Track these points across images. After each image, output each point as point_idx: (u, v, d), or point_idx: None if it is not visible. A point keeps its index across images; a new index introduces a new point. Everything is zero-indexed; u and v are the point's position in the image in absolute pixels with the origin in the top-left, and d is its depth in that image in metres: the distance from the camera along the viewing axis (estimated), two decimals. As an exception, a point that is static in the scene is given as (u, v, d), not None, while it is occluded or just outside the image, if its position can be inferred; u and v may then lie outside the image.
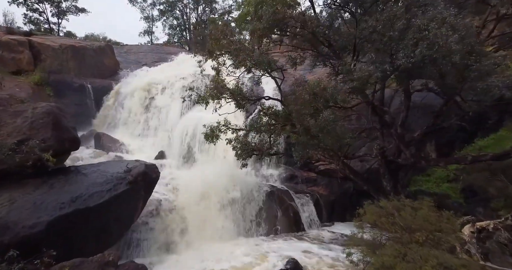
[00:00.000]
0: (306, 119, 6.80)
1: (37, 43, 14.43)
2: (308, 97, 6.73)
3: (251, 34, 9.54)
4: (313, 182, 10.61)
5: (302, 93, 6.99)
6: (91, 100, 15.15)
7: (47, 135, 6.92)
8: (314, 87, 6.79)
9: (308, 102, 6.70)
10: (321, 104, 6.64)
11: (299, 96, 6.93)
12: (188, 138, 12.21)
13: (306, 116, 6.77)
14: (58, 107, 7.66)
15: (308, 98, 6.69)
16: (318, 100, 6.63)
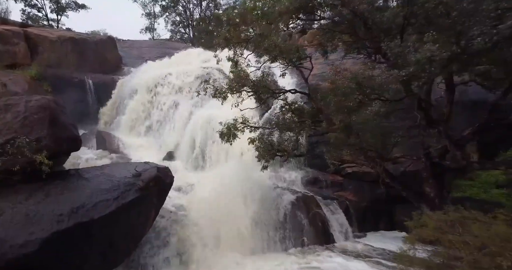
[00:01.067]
0: (347, 113, 5.76)
1: (34, 34, 13.36)
2: (350, 87, 5.66)
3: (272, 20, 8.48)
4: (339, 186, 9.56)
5: (343, 82, 5.92)
6: (92, 97, 14.08)
7: (42, 133, 5.85)
8: (358, 76, 5.74)
9: (349, 93, 5.65)
10: (367, 96, 5.59)
11: (340, 86, 5.86)
12: (199, 137, 11.15)
13: (347, 110, 5.73)
14: (55, 100, 6.59)
15: (350, 89, 5.63)
16: (363, 91, 5.57)
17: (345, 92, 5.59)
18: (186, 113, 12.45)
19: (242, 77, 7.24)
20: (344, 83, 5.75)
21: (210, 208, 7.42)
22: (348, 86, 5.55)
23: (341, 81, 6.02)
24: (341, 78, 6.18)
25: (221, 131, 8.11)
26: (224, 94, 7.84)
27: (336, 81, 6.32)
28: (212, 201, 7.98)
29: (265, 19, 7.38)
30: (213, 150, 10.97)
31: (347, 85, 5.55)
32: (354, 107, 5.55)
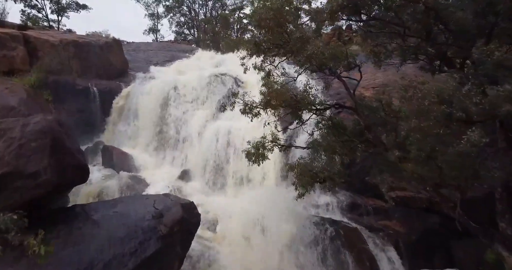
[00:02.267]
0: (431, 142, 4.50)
1: (34, 37, 12.17)
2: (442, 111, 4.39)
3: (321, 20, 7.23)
4: (383, 213, 8.30)
5: (421, 100, 4.65)
6: (96, 106, 12.86)
7: (41, 165, 4.66)
8: (443, 93, 4.47)
9: (439, 117, 4.38)
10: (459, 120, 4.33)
11: (421, 108, 4.59)
12: (217, 152, 9.93)
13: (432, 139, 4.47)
14: (58, 121, 5.39)
15: (439, 112, 4.36)
16: (456, 115, 4.30)
17: (434, 116, 4.33)
18: (201, 124, 11.23)
19: (282, 92, 5.99)
20: (426, 103, 4.49)
21: (241, 251, 6.17)
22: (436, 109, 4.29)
23: (417, 99, 4.76)
24: (415, 94, 4.92)
25: (247, 150, 6.89)
26: (256, 110, 6.61)
27: (410, 97, 5.06)
28: (243, 242, 6.77)
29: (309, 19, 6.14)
30: (233, 168, 9.75)
31: (437, 109, 4.28)
32: (444, 135, 4.32)
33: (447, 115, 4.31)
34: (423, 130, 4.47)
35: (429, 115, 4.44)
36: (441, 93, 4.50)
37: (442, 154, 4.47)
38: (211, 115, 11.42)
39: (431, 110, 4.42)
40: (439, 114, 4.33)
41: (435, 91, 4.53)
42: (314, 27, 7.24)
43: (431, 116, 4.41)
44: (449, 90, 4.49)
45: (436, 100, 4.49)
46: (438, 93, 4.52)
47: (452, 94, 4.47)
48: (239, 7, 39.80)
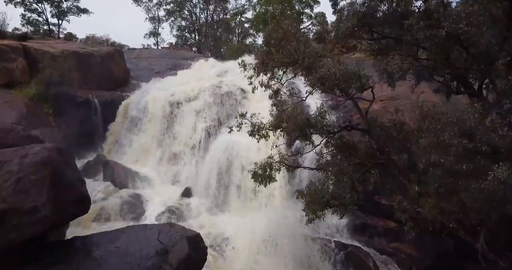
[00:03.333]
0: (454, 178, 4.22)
1: (34, 49, 11.95)
2: (458, 143, 4.12)
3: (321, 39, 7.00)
4: (394, 235, 7.99)
5: (441, 132, 4.37)
6: (98, 117, 12.62)
7: (40, 200, 4.40)
8: (465, 124, 4.20)
9: (461, 154, 4.09)
10: (483, 156, 4.05)
11: (439, 139, 4.30)
12: (221, 169, 9.65)
13: (455, 175, 4.18)
14: (59, 149, 5.13)
15: (463, 148, 4.07)
16: (479, 151, 4.02)
17: (455, 152, 4.06)
18: (203, 138, 10.97)
19: (293, 115, 5.72)
20: (445, 136, 4.21)
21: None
22: (457, 143, 4.02)
23: (436, 131, 4.48)
24: (433, 124, 4.65)
25: (254, 171, 6.62)
26: (264, 132, 6.35)
27: (427, 129, 4.78)
28: (248, 261, 6.48)
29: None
30: (238, 184, 9.47)
31: (458, 143, 4.00)
32: (468, 171, 4.04)
33: (469, 150, 4.03)
34: (444, 166, 4.20)
35: (450, 150, 4.16)
36: (462, 125, 4.22)
37: (465, 190, 4.19)
38: (215, 128, 11.16)
39: (452, 145, 4.13)
40: (461, 149, 4.04)
41: (455, 123, 4.25)
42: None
43: (452, 151, 4.13)
44: (471, 121, 4.21)
45: (457, 133, 4.21)
46: (458, 124, 4.24)
47: (475, 126, 4.19)
48: (241, 11, 39.77)
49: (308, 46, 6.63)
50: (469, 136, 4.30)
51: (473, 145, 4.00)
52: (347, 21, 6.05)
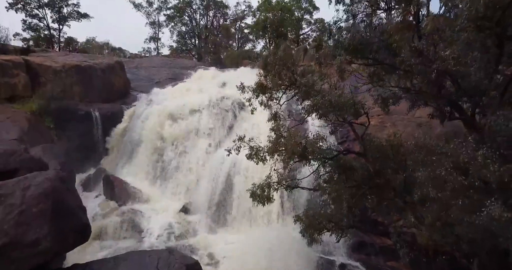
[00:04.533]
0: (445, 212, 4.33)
1: (36, 64, 12.11)
2: (454, 179, 4.22)
3: (317, 61, 7.13)
4: (391, 253, 8.05)
5: (437, 165, 4.47)
6: (98, 130, 12.75)
7: (41, 232, 4.51)
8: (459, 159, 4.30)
9: (458, 189, 4.19)
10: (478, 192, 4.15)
11: (435, 173, 4.41)
12: (220, 186, 9.75)
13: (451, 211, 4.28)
14: (61, 176, 5.26)
15: (459, 184, 4.18)
16: (474, 186, 4.13)
17: (451, 187, 4.16)
18: (202, 153, 11.08)
19: (291, 144, 5.82)
20: (442, 171, 4.31)
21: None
22: (453, 179, 4.11)
23: (432, 164, 4.59)
24: (429, 158, 4.75)
25: (252, 190, 6.72)
26: (262, 155, 6.46)
27: (423, 160, 4.88)
28: None
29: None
30: (237, 200, 9.56)
31: (454, 178, 4.10)
32: (464, 207, 4.13)
33: (465, 186, 4.13)
34: (440, 201, 4.30)
35: (446, 185, 4.26)
36: (457, 160, 4.33)
37: (459, 224, 4.29)
38: (214, 143, 11.28)
39: (448, 180, 4.24)
40: (456, 185, 4.15)
41: (449, 155, 4.36)
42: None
43: (448, 186, 4.23)
44: (465, 156, 4.32)
45: (452, 167, 4.32)
46: (453, 159, 4.34)
47: (468, 161, 4.30)
48: (241, 17, 40.02)
49: (305, 72, 6.80)
50: (463, 170, 4.40)
51: (468, 181, 4.10)
52: (343, 49, 6.22)
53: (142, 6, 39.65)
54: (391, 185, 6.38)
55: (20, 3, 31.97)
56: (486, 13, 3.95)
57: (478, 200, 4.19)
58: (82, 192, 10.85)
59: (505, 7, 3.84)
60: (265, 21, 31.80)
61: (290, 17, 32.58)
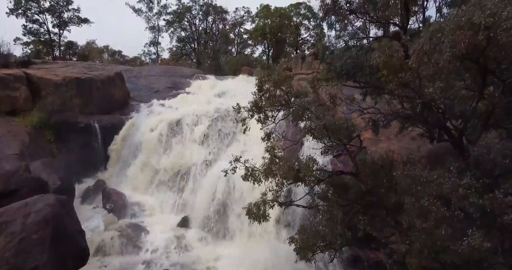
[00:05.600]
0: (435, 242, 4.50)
1: (36, 77, 12.30)
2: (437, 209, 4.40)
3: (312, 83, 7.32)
4: (385, 268, 8.21)
5: (422, 193, 4.66)
6: (98, 142, 12.92)
7: (41, 259, 4.65)
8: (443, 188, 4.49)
9: (437, 217, 4.38)
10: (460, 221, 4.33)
11: (420, 204, 4.59)
12: (218, 199, 9.90)
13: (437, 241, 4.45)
14: (61, 201, 5.42)
15: (437, 212, 4.36)
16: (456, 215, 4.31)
17: (435, 217, 4.34)
18: (200, 166, 11.24)
19: (289, 167, 6.01)
20: (425, 202, 4.49)
21: None
22: (436, 210, 4.29)
23: (417, 192, 4.76)
24: (415, 187, 4.91)
25: (248, 208, 6.88)
26: (257, 178, 6.63)
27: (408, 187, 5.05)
28: None
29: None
30: (235, 213, 9.71)
31: (437, 209, 4.28)
32: (447, 236, 4.31)
33: (447, 217, 4.31)
34: (426, 230, 4.47)
35: (430, 215, 4.44)
36: (440, 190, 4.51)
37: (444, 251, 4.46)
38: (212, 156, 11.44)
39: (431, 210, 4.42)
40: (440, 215, 4.33)
41: (433, 184, 4.55)
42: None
43: (432, 217, 4.41)
44: (447, 187, 4.51)
45: (435, 196, 4.51)
46: (437, 189, 4.53)
47: (450, 192, 4.49)
48: (240, 22, 40.34)
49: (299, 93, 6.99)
50: (446, 200, 4.59)
51: (450, 212, 4.28)
52: (335, 72, 6.44)
53: (141, 11, 39.98)
54: (383, 204, 6.56)
55: (20, 8, 32.29)
56: (467, 52, 4.16)
57: (461, 228, 4.37)
58: (81, 204, 11.02)
59: (484, 47, 4.04)
60: (264, 27, 32.13)
61: (288, 23, 32.92)
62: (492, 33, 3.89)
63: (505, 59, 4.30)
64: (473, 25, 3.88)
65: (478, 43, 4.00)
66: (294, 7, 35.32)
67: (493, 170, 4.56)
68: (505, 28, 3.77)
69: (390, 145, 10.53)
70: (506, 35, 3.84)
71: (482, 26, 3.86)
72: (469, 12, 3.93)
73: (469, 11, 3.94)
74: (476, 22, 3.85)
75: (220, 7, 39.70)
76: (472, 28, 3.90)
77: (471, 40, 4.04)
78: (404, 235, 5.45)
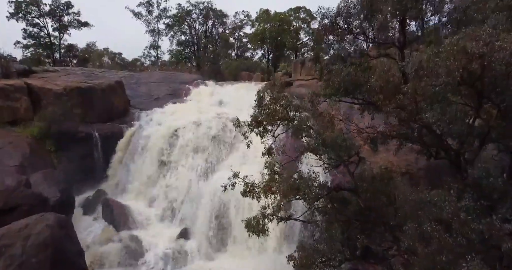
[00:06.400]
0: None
1: (37, 88, 12.37)
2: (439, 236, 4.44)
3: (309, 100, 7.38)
4: (384, 282, 8.23)
5: (423, 219, 4.70)
6: (98, 151, 12.97)
7: (41, 283, 4.69)
8: (443, 213, 4.53)
9: (438, 243, 4.41)
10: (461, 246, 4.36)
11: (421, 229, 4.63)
12: (218, 210, 9.93)
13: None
14: (61, 222, 5.48)
15: (439, 238, 4.40)
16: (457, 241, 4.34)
17: (436, 243, 4.38)
18: (200, 176, 11.27)
19: (289, 186, 6.06)
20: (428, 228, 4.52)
21: None
22: (438, 236, 4.33)
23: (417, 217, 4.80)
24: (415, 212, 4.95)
25: (247, 221, 6.93)
26: (256, 195, 6.68)
27: (410, 214, 5.08)
28: None
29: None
30: (234, 224, 9.74)
31: (439, 235, 4.31)
32: (447, 263, 4.33)
33: (449, 243, 4.35)
34: (427, 256, 4.51)
35: (432, 241, 4.49)
36: (440, 214, 4.56)
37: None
38: (211, 166, 11.48)
39: (433, 236, 4.47)
40: (442, 241, 4.37)
41: (434, 214, 4.59)
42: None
43: (434, 242, 4.45)
44: (448, 212, 4.55)
45: (436, 221, 4.55)
46: (438, 215, 4.57)
47: (451, 217, 4.53)
48: (239, 26, 40.48)
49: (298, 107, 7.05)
50: (447, 224, 4.63)
51: (452, 238, 4.32)
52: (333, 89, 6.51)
53: (141, 14, 40.12)
54: (382, 220, 6.60)
55: (21, 12, 32.46)
56: (463, 79, 4.22)
57: (461, 253, 4.41)
58: (81, 215, 11.06)
59: (479, 74, 4.10)
60: (263, 32, 32.26)
61: (288, 28, 33.05)
62: (487, 62, 3.95)
63: (500, 85, 4.37)
64: (468, 54, 3.94)
65: (473, 70, 4.06)
66: (293, 11, 35.51)
67: (491, 194, 4.60)
68: (498, 58, 3.84)
69: (389, 156, 10.56)
70: (500, 64, 3.91)
71: (476, 55, 3.92)
72: (463, 41, 3.99)
73: (462, 39, 4.01)
74: (470, 51, 3.92)
75: (220, 10, 39.87)
76: (467, 57, 3.96)
77: (467, 66, 4.11)
78: (403, 254, 5.50)
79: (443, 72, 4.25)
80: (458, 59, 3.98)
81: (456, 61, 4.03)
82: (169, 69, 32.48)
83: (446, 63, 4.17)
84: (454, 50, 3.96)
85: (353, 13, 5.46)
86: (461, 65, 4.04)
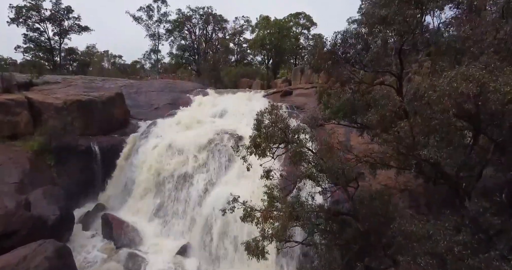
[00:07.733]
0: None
1: (38, 102, 12.42)
2: None
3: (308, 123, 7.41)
4: (383, 302, 8.23)
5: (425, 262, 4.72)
6: (98, 164, 13.00)
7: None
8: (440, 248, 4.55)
9: None
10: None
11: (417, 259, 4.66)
12: (218, 226, 9.94)
13: None
14: (59, 250, 5.52)
15: None
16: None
17: None
18: (200, 191, 11.28)
19: (289, 214, 6.09)
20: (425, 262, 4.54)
21: None
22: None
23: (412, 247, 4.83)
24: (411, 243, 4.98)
25: (247, 243, 6.95)
26: (256, 220, 6.71)
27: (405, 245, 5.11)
28: None
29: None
30: (233, 239, 9.75)
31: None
32: None
33: None
34: None
35: None
36: (435, 248, 4.58)
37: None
38: (211, 180, 11.49)
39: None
40: None
41: (429, 247, 4.61)
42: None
43: None
44: (443, 247, 4.57)
45: (431, 254, 4.58)
46: (433, 249, 4.60)
47: (446, 251, 4.56)
48: (239, 31, 40.58)
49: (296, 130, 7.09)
50: (441, 258, 4.66)
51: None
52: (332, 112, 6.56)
53: (141, 19, 40.23)
54: (381, 244, 6.62)
55: (21, 17, 32.63)
56: (458, 116, 4.26)
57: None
58: (81, 230, 11.06)
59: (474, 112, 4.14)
60: (263, 38, 32.35)
61: (288, 34, 33.15)
62: (481, 102, 3.99)
63: (495, 120, 4.40)
64: (462, 94, 3.97)
65: (467, 109, 4.10)
66: (293, 16, 35.61)
67: (488, 230, 4.63)
68: (493, 98, 3.86)
69: (388, 172, 10.59)
70: (495, 105, 3.93)
71: (470, 95, 3.96)
72: (456, 81, 4.02)
73: (454, 79, 4.03)
74: (464, 91, 3.95)
75: (220, 15, 40.04)
76: (460, 97, 4.00)
77: (461, 105, 4.15)
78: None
79: (439, 109, 4.29)
80: (451, 99, 4.02)
81: (450, 99, 4.07)
82: (169, 76, 32.49)
83: (441, 101, 4.21)
84: (447, 90, 4.00)
85: (351, 43, 5.51)
86: (456, 104, 4.08)
